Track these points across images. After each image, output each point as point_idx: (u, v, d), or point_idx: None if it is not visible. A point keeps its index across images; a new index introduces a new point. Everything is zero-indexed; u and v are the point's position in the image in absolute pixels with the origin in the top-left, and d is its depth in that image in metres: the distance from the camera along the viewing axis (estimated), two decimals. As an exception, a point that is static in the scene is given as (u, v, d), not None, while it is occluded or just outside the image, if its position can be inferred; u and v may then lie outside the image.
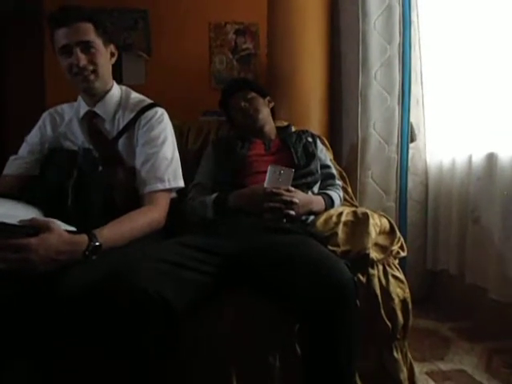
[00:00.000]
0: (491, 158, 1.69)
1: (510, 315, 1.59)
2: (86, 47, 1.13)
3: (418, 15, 2.02)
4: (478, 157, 1.75)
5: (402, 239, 1.22)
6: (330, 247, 1.11)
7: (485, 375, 1.36)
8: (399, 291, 1.11)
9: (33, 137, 1.28)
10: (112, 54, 1.23)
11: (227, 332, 1.01)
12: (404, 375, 1.09)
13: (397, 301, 1.09)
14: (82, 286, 0.88)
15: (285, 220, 1.18)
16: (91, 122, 1.24)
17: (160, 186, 1.16)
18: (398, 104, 1.88)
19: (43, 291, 0.87)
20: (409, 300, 1.12)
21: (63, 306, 0.86)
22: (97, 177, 1.14)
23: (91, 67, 1.15)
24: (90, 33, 1.12)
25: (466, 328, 1.72)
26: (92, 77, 1.17)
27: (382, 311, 1.07)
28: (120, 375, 0.90)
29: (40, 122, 1.30)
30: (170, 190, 1.19)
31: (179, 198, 1.30)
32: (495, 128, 1.69)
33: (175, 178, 1.20)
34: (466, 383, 1.33)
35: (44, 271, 0.88)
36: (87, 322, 0.88)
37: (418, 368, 1.26)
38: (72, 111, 1.29)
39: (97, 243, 0.95)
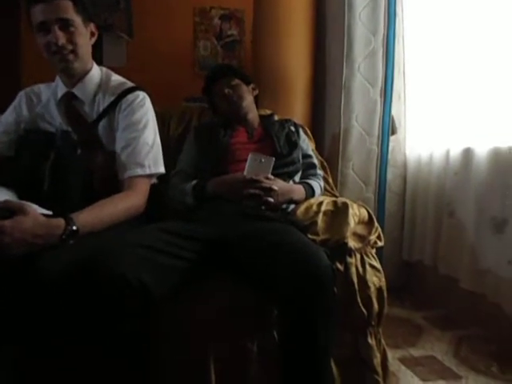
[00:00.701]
0: (467, 153, 1.73)
1: (479, 305, 1.65)
2: (65, 25, 1.09)
3: (402, 8, 2.03)
4: (455, 152, 1.80)
5: (379, 229, 1.24)
6: (310, 236, 1.12)
7: (454, 361, 1.42)
8: (375, 280, 1.14)
9: (7, 117, 1.24)
10: (92, 34, 1.19)
11: (206, 317, 1.01)
12: (377, 360, 1.12)
13: (373, 289, 1.12)
14: (60, 270, 0.86)
15: (263, 207, 1.19)
16: (69, 104, 1.21)
17: (140, 172, 1.14)
18: (381, 96, 1.91)
19: (22, 275, 0.85)
20: (384, 288, 1.15)
21: (41, 289, 0.84)
22: (75, 160, 1.11)
23: (70, 47, 1.11)
24: (69, 10, 1.08)
25: (438, 316, 1.78)
26: (71, 57, 1.13)
27: (359, 298, 1.10)
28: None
29: (15, 102, 1.26)
30: (150, 176, 1.18)
31: (160, 184, 1.28)
32: (472, 124, 1.73)
33: (156, 164, 1.18)
34: (436, 369, 1.38)
35: (19, 255, 0.86)
36: (66, 306, 0.86)
37: (390, 354, 1.29)
38: (49, 92, 1.24)
39: (74, 227, 0.93)
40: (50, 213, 0.96)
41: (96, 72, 1.23)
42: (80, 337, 0.89)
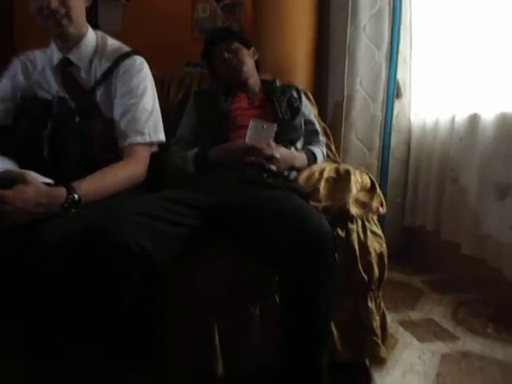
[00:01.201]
0: (474, 119, 1.70)
1: (480, 269, 1.67)
2: None
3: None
4: (461, 117, 1.76)
5: (381, 196, 1.23)
6: (312, 203, 1.12)
7: (451, 323, 1.46)
8: (376, 245, 1.14)
9: (3, 85, 1.21)
10: (86, -4, 1.14)
11: (208, 284, 1.03)
12: (376, 323, 1.15)
13: (373, 254, 1.12)
14: (61, 239, 0.86)
15: (265, 175, 1.18)
16: (66, 70, 1.18)
17: (140, 140, 1.13)
18: (386, 60, 1.85)
19: (24, 244, 0.86)
20: (385, 254, 1.15)
21: (43, 258, 0.85)
22: (74, 128, 1.10)
23: (63, 10, 1.07)
24: None
25: (438, 281, 1.82)
26: (65, 21, 1.09)
27: (359, 264, 1.11)
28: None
29: (11, 70, 1.23)
30: (150, 144, 1.17)
31: (161, 152, 1.27)
32: (479, 89, 1.68)
33: (156, 132, 1.17)
34: (434, 330, 1.42)
35: (21, 224, 0.87)
36: (68, 277, 0.87)
37: (389, 317, 1.33)
38: (45, 58, 1.21)
39: (76, 196, 0.93)
40: (51, 181, 0.96)
41: (91, 36, 1.19)
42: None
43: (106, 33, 1.26)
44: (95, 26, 1.24)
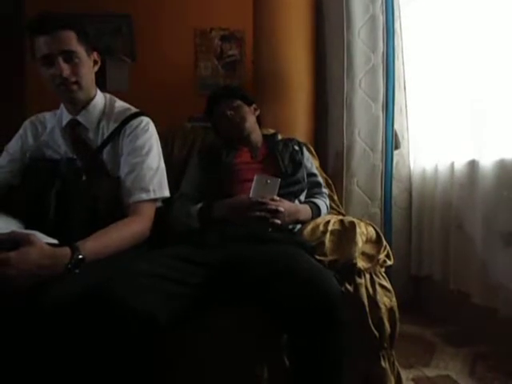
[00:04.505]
0: (472, 165, 1.72)
1: (492, 320, 1.61)
2: (69, 57, 1.10)
3: (400, 25, 2.05)
4: (460, 164, 1.79)
5: (388, 248, 1.22)
6: (318, 257, 1.11)
7: (469, 380, 1.38)
8: (386, 300, 1.11)
9: (13, 145, 1.25)
10: (95, 62, 1.20)
11: (215, 343, 0.99)
12: (391, 384, 1.09)
13: (384, 310, 1.09)
14: (66, 302, 0.85)
15: (270, 229, 1.18)
16: (74, 131, 1.22)
17: (145, 197, 1.14)
18: (383, 112, 1.90)
19: (25, 307, 0.84)
20: (395, 309, 1.12)
21: (47, 321, 0.83)
22: (80, 187, 1.11)
23: (74, 78, 1.13)
24: (72, 41, 1.10)
25: (451, 333, 1.75)
26: (75, 87, 1.14)
27: (370, 320, 1.08)
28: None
29: (21, 131, 1.27)
30: (155, 200, 1.18)
31: (165, 207, 1.28)
32: (476, 136, 1.72)
33: (160, 188, 1.19)
34: (451, 389, 1.34)
35: (25, 286, 0.86)
36: (72, 337, 0.85)
37: (404, 375, 1.26)
38: (54, 120, 1.26)
39: (80, 256, 0.92)
40: (55, 242, 0.96)
41: (100, 99, 1.24)
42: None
43: (113, 92, 1.32)
44: (103, 86, 1.30)
